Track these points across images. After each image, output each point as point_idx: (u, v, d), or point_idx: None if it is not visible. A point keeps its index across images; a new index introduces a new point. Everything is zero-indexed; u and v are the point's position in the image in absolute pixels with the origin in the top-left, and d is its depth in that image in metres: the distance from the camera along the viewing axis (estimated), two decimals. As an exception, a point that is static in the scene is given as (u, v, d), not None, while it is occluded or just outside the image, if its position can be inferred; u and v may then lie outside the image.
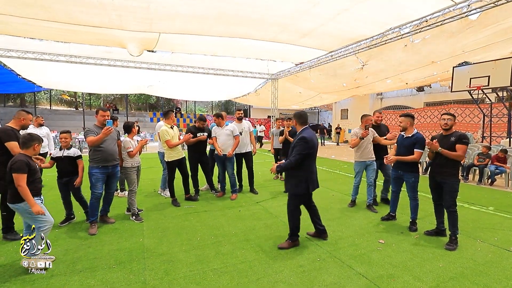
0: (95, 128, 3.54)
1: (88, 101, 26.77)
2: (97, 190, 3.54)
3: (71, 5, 5.40)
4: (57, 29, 6.73)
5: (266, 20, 6.22)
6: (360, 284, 2.43)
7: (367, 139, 4.32)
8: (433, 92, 16.15)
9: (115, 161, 3.68)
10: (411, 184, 3.63)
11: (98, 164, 3.51)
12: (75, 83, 13.77)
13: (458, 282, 2.45)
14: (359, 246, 3.18)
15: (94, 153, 3.51)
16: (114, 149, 3.65)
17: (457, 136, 3.18)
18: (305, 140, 2.96)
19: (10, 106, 22.31)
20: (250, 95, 17.22)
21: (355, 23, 6.55)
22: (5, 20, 6.11)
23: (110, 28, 6.57)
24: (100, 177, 3.53)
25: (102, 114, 3.56)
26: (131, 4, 5.37)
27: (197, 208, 4.53)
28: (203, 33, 6.98)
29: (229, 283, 2.43)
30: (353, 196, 4.64)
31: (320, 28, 6.64)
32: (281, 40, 7.58)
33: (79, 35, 7.30)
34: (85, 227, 3.66)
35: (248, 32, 6.97)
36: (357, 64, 9.53)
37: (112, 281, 2.45)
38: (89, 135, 3.44)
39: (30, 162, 2.63)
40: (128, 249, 3.05)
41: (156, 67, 11.18)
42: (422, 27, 6.44)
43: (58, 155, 3.66)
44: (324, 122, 30.72)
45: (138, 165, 4.10)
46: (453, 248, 3.07)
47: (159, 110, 26.86)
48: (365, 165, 4.42)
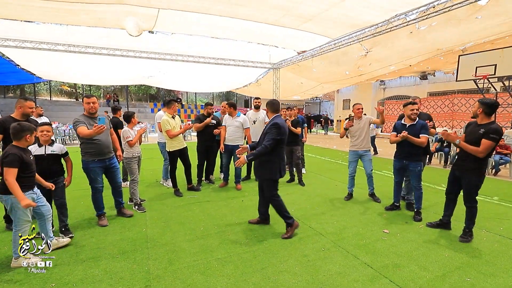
0: (83, 118, 3.20)
1: (89, 91, 26.56)
2: (98, 185, 3.35)
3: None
4: (53, 9, 6.53)
5: (269, 1, 6.06)
6: (365, 273, 2.42)
7: (359, 127, 4.31)
8: (436, 81, 15.92)
9: (111, 153, 3.44)
10: (416, 173, 3.60)
11: (93, 157, 3.25)
12: (74, 74, 13.62)
13: (464, 272, 2.43)
14: (364, 235, 3.16)
15: (87, 146, 3.22)
16: (109, 140, 3.40)
17: (486, 129, 2.78)
18: (277, 126, 3.02)
19: (10, 97, 22.15)
20: (251, 85, 17.04)
21: (359, 9, 6.38)
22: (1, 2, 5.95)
23: (107, 4, 6.36)
24: (98, 171, 3.31)
25: (87, 101, 3.20)
26: None
27: (199, 198, 4.52)
28: (203, 10, 6.77)
29: (233, 272, 2.42)
30: (349, 188, 4.51)
31: (323, 14, 6.47)
32: (283, 24, 7.40)
33: (76, 15, 7.07)
34: (87, 217, 3.65)
35: (249, 13, 6.79)
36: (360, 51, 9.36)
37: (115, 270, 2.44)
38: (79, 125, 3.11)
39: (23, 155, 2.45)
40: (131, 239, 3.04)
41: (156, 56, 11.00)
42: (429, 13, 6.25)
43: (39, 153, 2.94)
44: (326, 112, 30.52)
45: (138, 155, 4.06)
46: (468, 240, 2.98)
47: (160, 101, 26.68)
48: (357, 155, 4.38)
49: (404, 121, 3.73)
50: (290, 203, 4.27)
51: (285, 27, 7.58)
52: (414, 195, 3.71)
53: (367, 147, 4.35)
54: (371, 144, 10.14)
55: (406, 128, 3.64)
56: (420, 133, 3.54)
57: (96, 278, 2.33)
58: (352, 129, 4.35)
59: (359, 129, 4.31)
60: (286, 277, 2.35)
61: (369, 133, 4.35)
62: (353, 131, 4.36)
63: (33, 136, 2.56)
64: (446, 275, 2.39)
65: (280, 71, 13.78)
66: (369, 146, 4.38)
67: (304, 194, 4.81)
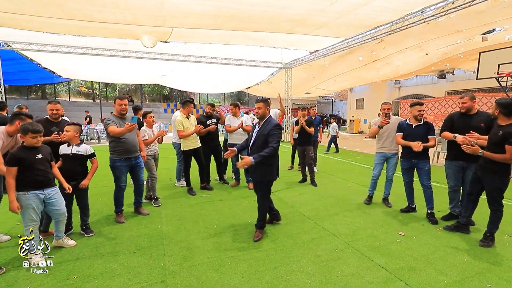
0: (113, 117, 3.39)
1: (105, 92, 27.40)
2: (121, 183, 3.47)
3: (85, 3, 5.49)
4: (73, 26, 6.91)
5: (282, 17, 6.15)
6: (380, 275, 2.38)
7: (388, 128, 4.00)
8: (455, 80, 15.37)
9: (137, 152, 3.58)
10: (426, 171, 3.58)
11: (120, 156, 3.39)
12: (91, 73, 14.08)
13: (485, 277, 2.35)
14: (378, 237, 3.11)
15: (116, 145, 3.37)
16: (135, 140, 3.55)
17: (505, 133, 2.62)
18: (280, 127, 3.02)
19: (33, 98, 23.21)
20: (262, 84, 17.03)
21: (373, 13, 6.27)
22: (26, 18, 6.31)
23: (124, 24, 6.65)
24: (123, 170, 3.44)
25: (119, 103, 3.40)
26: (143, 3, 5.40)
27: (212, 197, 4.58)
28: (216, 28, 6.97)
29: (247, 270, 2.45)
30: (370, 191, 4.28)
31: (336, 21, 6.44)
32: (296, 32, 7.43)
33: (94, 30, 7.55)
34: (106, 214, 3.78)
35: (262, 27, 6.88)
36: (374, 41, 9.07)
37: (133, 265, 2.52)
38: (109, 124, 3.28)
39: (24, 155, 2.46)
40: (148, 235, 3.13)
41: (170, 57, 11.24)
42: (447, 9, 6.05)
43: (65, 152, 2.98)
44: (339, 112, 30.10)
45: (154, 153, 4.18)
46: (490, 244, 2.87)
47: (173, 101, 27.16)
48: (385, 157, 4.10)
49: (410, 121, 3.67)
50: (303, 204, 4.27)
51: (297, 34, 7.60)
52: (425, 195, 3.64)
53: (396, 149, 4.08)
54: (329, 143, 9.93)
55: (413, 129, 3.60)
56: (428, 134, 3.51)
57: (115, 272, 2.41)
58: (380, 130, 4.06)
59: (388, 129, 4.02)
60: (299, 277, 2.35)
61: None
62: (381, 132, 4.07)
63: (38, 137, 2.52)
64: (465, 280, 2.32)
65: (291, 71, 13.71)
66: (398, 148, 4.08)
67: (317, 194, 4.78)
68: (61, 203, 2.72)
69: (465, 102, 3.25)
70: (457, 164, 3.36)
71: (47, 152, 2.66)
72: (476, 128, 3.12)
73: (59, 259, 2.60)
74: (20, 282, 2.26)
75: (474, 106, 3.26)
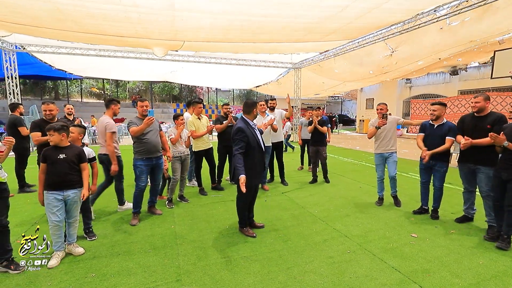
0: (136, 120, 3.52)
1: (116, 93, 27.94)
2: (141, 183, 3.53)
3: (100, 19, 5.63)
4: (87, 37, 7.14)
5: (293, 26, 6.15)
6: (393, 277, 2.37)
7: (385, 128, 4.06)
8: (468, 78, 14.98)
9: (159, 153, 3.65)
10: (441, 174, 3.57)
11: (142, 156, 3.49)
12: (102, 71, 14.32)
13: (501, 281, 2.31)
14: (391, 239, 3.09)
15: (138, 145, 3.50)
16: (157, 140, 3.63)
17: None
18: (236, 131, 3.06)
19: (46, 99, 23.90)
20: (271, 83, 17.04)
21: (383, 15, 6.21)
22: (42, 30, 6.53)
23: (136, 38, 6.82)
24: (144, 169, 3.52)
25: (141, 105, 3.56)
26: (156, 18, 5.50)
27: (223, 197, 4.63)
28: (227, 41, 7.08)
29: (260, 270, 2.48)
30: (379, 193, 4.28)
31: (345, 26, 6.41)
32: (307, 40, 7.46)
33: (107, 41, 7.82)
34: (120, 213, 3.87)
35: (273, 37, 6.93)
36: (386, 51, 9.03)
37: (148, 264, 2.59)
38: (131, 126, 3.46)
39: (47, 153, 2.56)
40: (161, 235, 3.20)
41: (180, 58, 11.41)
42: (461, 8, 5.93)
43: None
44: (348, 112, 29.80)
45: (180, 155, 4.15)
46: (507, 247, 2.81)
47: (182, 101, 27.43)
48: (383, 157, 4.14)
49: (432, 121, 3.63)
50: (314, 204, 4.27)
51: (307, 41, 7.61)
52: (434, 195, 3.66)
53: (393, 148, 4.14)
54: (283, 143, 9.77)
55: (434, 129, 3.58)
56: (448, 135, 3.44)
57: (131, 271, 2.48)
58: (378, 130, 4.12)
59: (385, 130, 4.10)
60: (312, 278, 2.37)
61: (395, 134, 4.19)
62: (379, 133, 4.13)
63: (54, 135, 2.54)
64: (480, 284, 2.29)
65: (301, 71, 13.68)
66: (395, 148, 4.17)
67: (327, 195, 4.77)
68: (76, 208, 2.71)
69: (479, 101, 3.19)
70: (467, 166, 3.34)
71: (72, 153, 2.62)
72: (483, 129, 3.09)
73: (77, 257, 2.69)
74: (41, 279, 2.35)
75: (487, 107, 3.20)
